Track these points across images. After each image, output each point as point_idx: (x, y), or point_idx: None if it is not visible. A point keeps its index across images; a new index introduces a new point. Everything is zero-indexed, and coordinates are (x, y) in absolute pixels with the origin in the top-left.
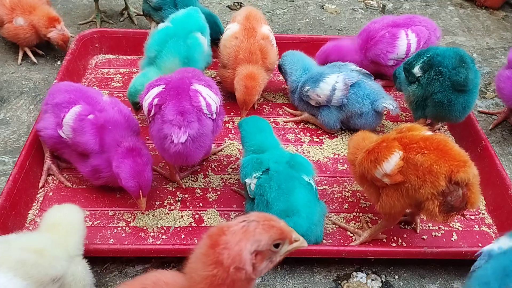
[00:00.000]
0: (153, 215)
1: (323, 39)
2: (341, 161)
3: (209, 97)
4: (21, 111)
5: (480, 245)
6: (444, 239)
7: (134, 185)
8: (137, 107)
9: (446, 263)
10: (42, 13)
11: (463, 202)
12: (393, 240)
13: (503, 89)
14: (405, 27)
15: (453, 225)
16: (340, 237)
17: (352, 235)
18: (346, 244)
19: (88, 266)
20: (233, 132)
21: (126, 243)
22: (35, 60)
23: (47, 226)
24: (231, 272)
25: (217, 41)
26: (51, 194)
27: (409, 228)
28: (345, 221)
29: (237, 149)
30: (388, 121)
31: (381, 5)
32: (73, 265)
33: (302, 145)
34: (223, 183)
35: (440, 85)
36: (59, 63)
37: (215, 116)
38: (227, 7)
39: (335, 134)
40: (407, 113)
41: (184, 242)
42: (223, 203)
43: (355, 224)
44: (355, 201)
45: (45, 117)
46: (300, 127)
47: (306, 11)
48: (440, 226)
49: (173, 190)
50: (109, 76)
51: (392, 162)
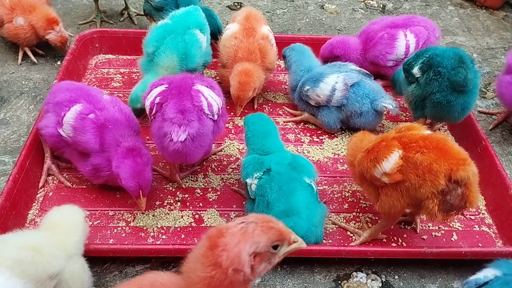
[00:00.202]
0: (153, 215)
1: (323, 39)
2: (341, 161)
3: (211, 97)
4: (21, 111)
5: (480, 245)
6: (444, 239)
7: (134, 185)
8: (138, 114)
9: (446, 263)
10: (40, 14)
11: (463, 201)
12: (393, 240)
13: (505, 94)
14: (404, 27)
15: (453, 225)
16: (340, 237)
17: (352, 235)
18: (346, 244)
19: (87, 264)
20: (233, 132)
21: (126, 243)
22: (35, 60)
23: (46, 225)
24: (229, 274)
25: (214, 35)
26: (51, 194)
27: (409, 228)
28: (345, 221)
29: (237, 149)
30: (388, 121)
31: (381, 5)
32: (71, 263)
33: (302, 145)
34: (223, 183)
35: (438, 85)
36: (59, 63)
37: (216, 117)
38: (227, 7)
39: (335, 134)
40: (407, 113)
41: (184, 242)
42: (223, 203)
43: (355, 224)
44: (355, 201)
45: (46, 116)
46: (300, 127)
47: (306, 11)
48: (440, 226)
49: (173, 190)
50: (109, 76)
51: (391, 161)
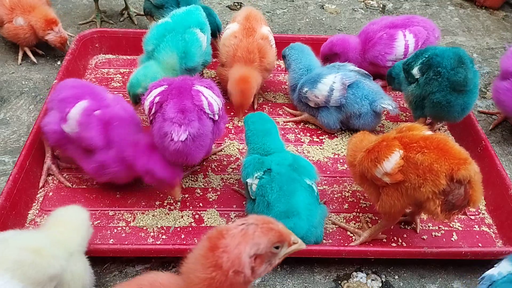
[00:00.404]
0: (153, 215)
1: (323, 39)
2: (341, 161)
3: (211, 97)
4: (21, 111)
5: (480, 245)
6: (444, 239)
7: (171, 174)
8: (136, 100)
9: (446, 263)
10: (40, 15)
11: (465, 200)
12: (393, 240)
13: (504, 101)
14: (403, 27)
15: (453, 225)
16: (340, 237)
17: (352, 235)
18: (346, 244)
19: (89, 264)
20: (233, 132)
21: (126, 243)
22: (35, 60)
23: (48, 224)
24: (230, 275)
25: (214, 33)
26: (51, 194)
27: (409, 228)
28: (345, 221)
29: (237, 149)
30: (388, 121)
31: (381, 5)
32: (73, 263)
33: (302, 145)
34: (223, 183)
35: (438, 85)
36: (59, 63)
37: (217, 117)
38: (227, 7)
39: (335, 134)
40: (407, 113)
41: (184, 242)
42: (223, 203)
43: (355, 224)
44: (355, 201)
45: (50, 113)
46: (300, 127)
47: (306, 11)
48: (440, 226)
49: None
50: (109, 76)
51: (392, 161)
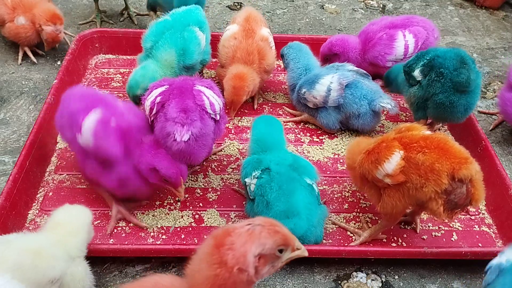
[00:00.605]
0: (153, 215)
1: (323, 39)
2: (341, 161)
3: (212, 97)
4: (21, 111)
5: (480, 245)
6: (444, 239)
7: (175, 171)
8: (137, 101)
9: (446, 263)
10: (47, 9)
11: (467, 199)
12: (393, 240)
13: None
14: (403, 28)
15: (453, 225)
16: (340, 237)
17: (352, 235)
18: (346, 244)
19: (89, 267)
20: (233, 132)
21: (126, 243)
22: (35, 60)
23: (50, 226)
24: (234, 272)
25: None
26: (51, 194)
27: (409, 228)
28: (345, 221)
29: (237, 149)
30: (388, 121)
31: (381, 5)
32: (73, 266)
33: (302, 145)
34: (223, 183)
35: (441, 86)
36: (59, 63)
37: (218, 117)
38: (227, 7)
39: (335, 134)
40: (407, 113)
41: (184, 242)
42: (223, 203)
43: (355, 224)
44: (355, 201)
45: (63, 131)
46: (300, 127)
47: (306, 11)
48: (440, 226)
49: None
50: (109, 76)
51: (393, 162)
